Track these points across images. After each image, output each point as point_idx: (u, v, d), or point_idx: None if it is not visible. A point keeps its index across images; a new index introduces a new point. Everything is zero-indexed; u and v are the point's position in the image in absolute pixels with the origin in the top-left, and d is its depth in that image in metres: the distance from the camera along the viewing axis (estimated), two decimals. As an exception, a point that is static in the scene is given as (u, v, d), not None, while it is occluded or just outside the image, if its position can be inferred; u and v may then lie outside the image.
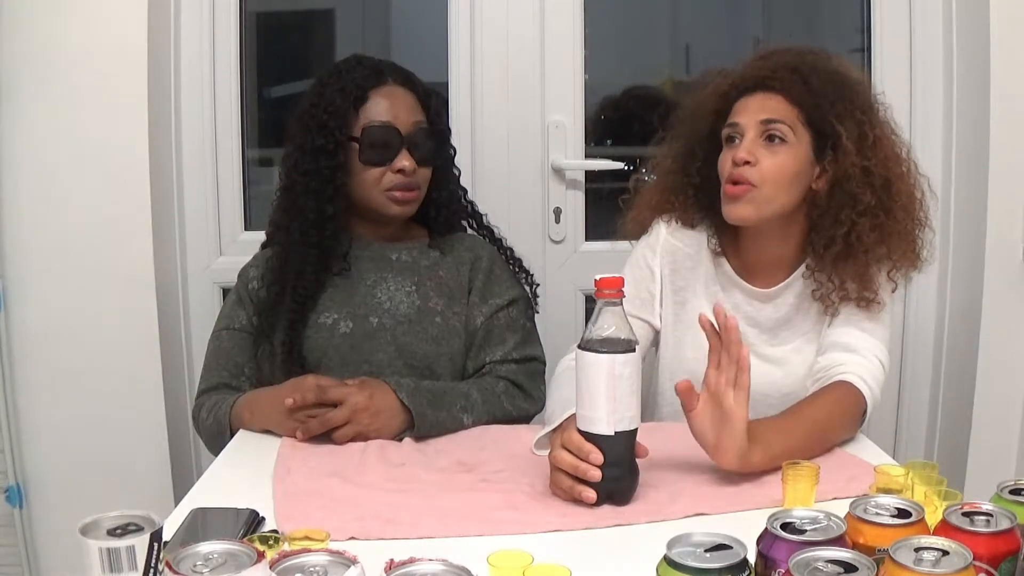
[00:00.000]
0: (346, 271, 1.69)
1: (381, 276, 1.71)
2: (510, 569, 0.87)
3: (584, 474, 1.18)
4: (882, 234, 1.51)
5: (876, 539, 0.83)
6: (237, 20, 2.20)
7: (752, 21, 2.54)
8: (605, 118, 2.37)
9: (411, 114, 1.69)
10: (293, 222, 1.67)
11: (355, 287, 1.70)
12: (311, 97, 1.69)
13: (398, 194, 1.67)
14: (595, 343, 1.17)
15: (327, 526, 1.03)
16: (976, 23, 2.12)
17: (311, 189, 1.65)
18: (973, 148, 2.16)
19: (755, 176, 1.50)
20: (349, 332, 1.66)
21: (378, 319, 1.67)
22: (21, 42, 1.98)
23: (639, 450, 1.23)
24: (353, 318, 1.67)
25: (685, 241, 1.64)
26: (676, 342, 1.63)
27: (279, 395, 1.51)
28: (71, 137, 2.02)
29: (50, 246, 2.04)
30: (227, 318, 1.74)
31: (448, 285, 1.73)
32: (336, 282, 1.69)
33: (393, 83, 1.69)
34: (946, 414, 2.27)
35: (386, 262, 1.73)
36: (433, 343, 1.67)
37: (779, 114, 1.51)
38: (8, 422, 2.06)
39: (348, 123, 1.65)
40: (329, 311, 1.67)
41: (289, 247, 1.68)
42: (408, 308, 1.69)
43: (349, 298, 1.69)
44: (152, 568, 0.76)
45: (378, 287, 1.70)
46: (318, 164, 1.64)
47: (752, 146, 1.50)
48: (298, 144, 1.68)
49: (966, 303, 2.21)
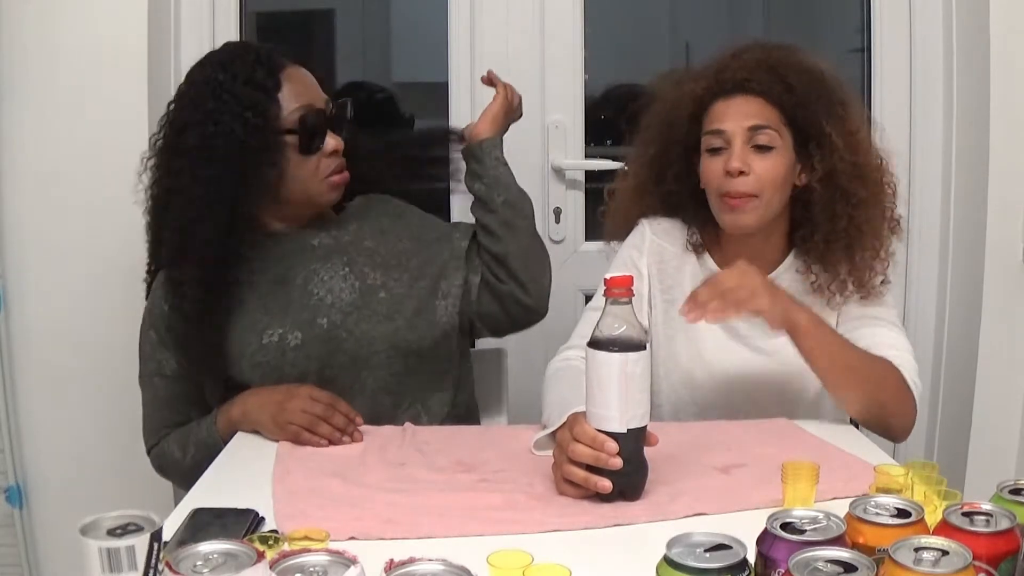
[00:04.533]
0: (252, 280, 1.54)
1: (310, 269, 1.58)
2: (510, 569, 0.87)
3: (605, 464, 1.18)
4: (876, 224, 1.54)
5: (876, 539, 0.83)
6: (237, 20, 2.21)
7: (752, 21, 2.54)
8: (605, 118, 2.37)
9: (321, 90, 1.57)
10: (194, 238, 1.49)
11: (288, 290, 1.57)
12: (197, 98, 1.50)
13: (336, 179, 1.57)
14: (607, 342, 1.18)
15: (327, 526, 1.02)
16: (976, 23, 2.13)
17: (221, 197, 1.47)
18: (973, 148, 2.17)
19: (753, 185, 1.50)
20: (300, 343, 1.53)
21: (326, 318, 1.55)
22: (21, 42, 1.98)
23: (649, 439, 1.23)
24: (299, 326, 1.54)
25: (670, 241, 1.65)
26: (668, 341, 1.64)
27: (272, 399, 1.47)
28: (71, 137, 2.02)
29: (50, 246, 2.05)
30: (154, 362, 1.59)
31: (379, 253, 1.62)
32: (264, 291, 1.56)
33: (293, 63, 1.55)
34: (946, 414, 2.27)
35: (308, 251, 1.59)
36: (386, 320, 1.57)
37: (764, 118, 1.51)
38: (8, 422, 2.06)
39: (274, 115, 1.49)
40: (271, 327, 1.53)
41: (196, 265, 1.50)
42: (350, 294, 1.57)
43: (286, 305, 1.56)
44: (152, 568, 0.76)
45: (311, 282, 1.57)
46: (244, 165, 1.47)
47: (743, 154, 1.51)
48: (194, 151, 1.48)
49: (966, 303, 2.21)
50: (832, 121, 1.51)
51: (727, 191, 1.52)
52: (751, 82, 1.52)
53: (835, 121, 1.51)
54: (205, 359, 1.55)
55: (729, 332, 1.61)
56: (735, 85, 1.53)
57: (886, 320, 1.55)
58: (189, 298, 1.52)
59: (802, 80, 1.52)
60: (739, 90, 1.53)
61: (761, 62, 1.54)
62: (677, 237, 1.65)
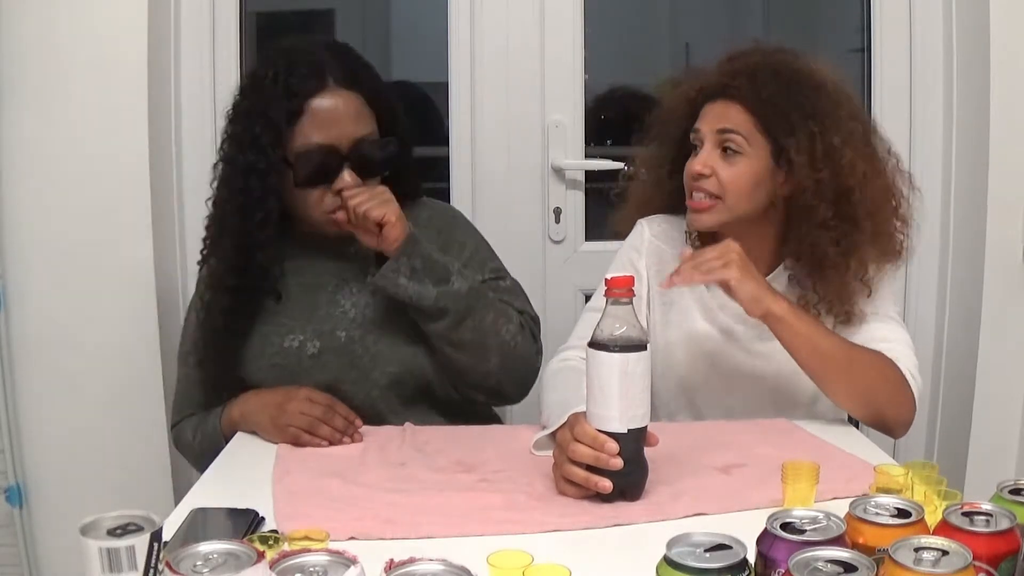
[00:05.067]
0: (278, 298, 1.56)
1: (343, 279, 1.59)
2: (510, 569, 0.87)
3: (606, 464, 1.18)
4: (848, 247, 1.49)
5: (876, 539, 0.83)
6: (237, 20, 2.20)
7: (752, 21, 2.54)
8: (605, 118, 2.37)
9: (355, 126, 1.50)
10: (224, 240, 1.53)
11: (316, 297, 1.58)
12: (245, 99, 1.53)
13: (340, 215, 1.50)
14: (607, 342, 1.18)
15: (327, 526, 1.02)
16: (976, 23, 2.13)
17: (240, 208, 1.49)
18: (973, 148, 2.17)
19: (714, 187, 1.51)
20: (317, 352, 1.55)
21: (345, 332, 1.56)
22: (21, 43, 1.98)
23: (649, 439, 1.24)
24: (319, 336, 1.55)
25: (669, 242, 1.65)
26: (666, 343, 1.64)
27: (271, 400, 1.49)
28: (71, 138, 2.02)
29: (50, 247, 2.04)
30: (190, 343, 1.62)
31: None
32: (295, 292, 1.57)
33: (335, 85, 1.50)
34: (946, 414, 2.27)
35: (345, 261, 1.59)
36: (408, 344, 1.56)
37: (735, 123, 1.50)
38: (8, 422, 2.06)
39: (282, 142, 1.47)
40: (293, 332, 1.55)
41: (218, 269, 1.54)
42: (375, 312, 1.56)
43: (311, 312, 1.57)
44: (152, 568, 0.76)
45: (340, 292, 1.58)
46: (248, 184, 1.48)
47: (708, 157, 1.51)
48: (229, 155, 1.51)
49: (966, 303, 2.21)
50: (798, 136, 1.47)
51: (691, 190, 1.54)
52: (731, 87, 1.52)
53: (802, 136, 1.47)
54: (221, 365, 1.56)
55: (726, 335, 1.61)
56: (719, 89, 1.54)
57: (883, 314, 1.55)
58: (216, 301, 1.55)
59: (777, 89, 1.49)
60: (721, 94, 1.53)
61: (748, 68, 1.52)
62: (676, 238, 1.65)
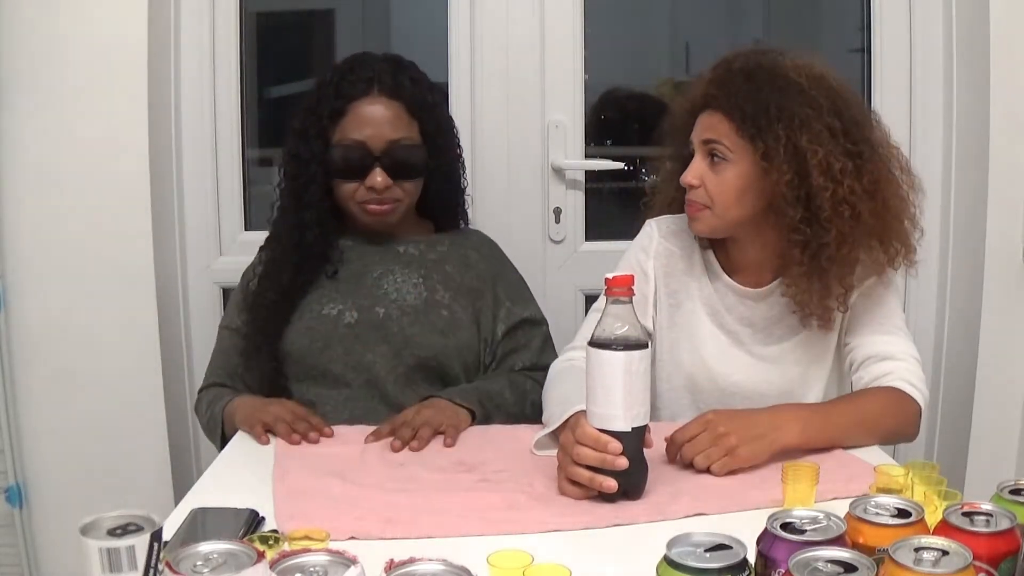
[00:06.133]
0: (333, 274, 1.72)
1: (388, 268, 1.74)
2: (510, 569, 0.87)
3: (611, 465, 1.19)
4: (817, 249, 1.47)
5: (876, 539, 0.84)
6: (237, 20, 2.20)
7: (752, 21, 2.54)
8: (605, 118, 2.37)
9: (390, 130, 1.68)
10: (284, 223, 1.73)
11: (361, 279, 1.73)
12: (309, 98, 1.73)
13: (372, 207, 1.70)
14: (610, 341, 1.18)
15: (327, 526, 1.03)
16: (976, 23, 2.12)
17: (294, 193, 1.71)
18: (973, 148, 2.16)
19: (704, 197, 1.53)
20: (354, 322, 1.68)
21: (384, 309, 1.69)
22: (21, 42, 1.98)
23: (647, 442, 1.24)
24: (359, 308, 1.69)
25: (678, 243, 1.65)
26: (672, 345, 1.64)
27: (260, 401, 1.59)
28: (71, 137, 2.02)
29: (50, 246, 2.04)
30: (229, 316, 1.80)
31: (455, 279, 1.75)
32: (342, 275, 1.73)
33: (379, 94, 1.69)
34: (946, 414, 2.27)
35: (392, 255, 1.76)
36: (440, 335, 1.69)
37: (718, 133, 1.51)
38: (8, 422, 2.06)
39: (325, 136, 1.69)
40: (334, 302, 1.70)
41: (277, 248, 1.74)
42: (415, 299, 1.71)
43: (355, 289, 1.72)
44: (152, 568, 0.76)
45: (384, 279, 1.73)
46: (298, 171, 1.70)
47: (698, 167, 1.53)
48: (289, 146, 1.73)
49: (966, 303, 2.21)
50: (768, 138, 1.46)
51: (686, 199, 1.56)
52: (712, 97, 1.53)
53: (770, 138, 1.46)
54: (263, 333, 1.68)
55: (732, 338, 1.61)
56: (706, 100, 1.55)
57: (890, 326, 1.55)
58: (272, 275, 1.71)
59: (750, 95, 1.48)
60: (707, 105, 1.54)
61: (727, 76, 1.52)
62: (685, 238, 1.65)
